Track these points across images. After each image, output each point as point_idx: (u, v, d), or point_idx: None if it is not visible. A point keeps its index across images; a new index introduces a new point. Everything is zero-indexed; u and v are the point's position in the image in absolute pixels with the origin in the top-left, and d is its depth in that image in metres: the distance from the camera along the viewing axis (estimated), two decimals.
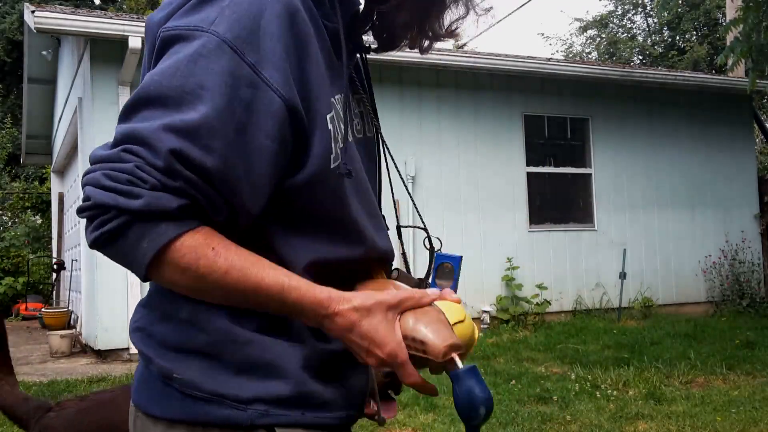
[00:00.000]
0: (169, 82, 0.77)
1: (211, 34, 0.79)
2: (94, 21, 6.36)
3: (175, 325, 0.88)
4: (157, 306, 0.92)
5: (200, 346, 0.85)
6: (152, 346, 0.88)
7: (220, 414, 0.83)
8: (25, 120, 11.98)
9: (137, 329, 0.92)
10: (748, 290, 9.02)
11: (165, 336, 0.88)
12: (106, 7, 20.24)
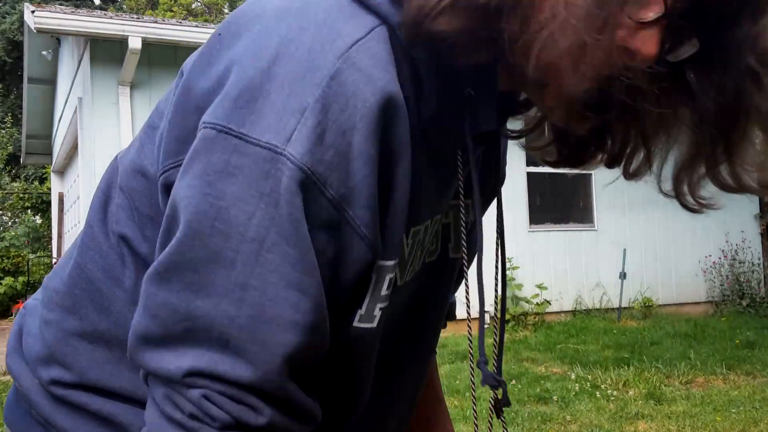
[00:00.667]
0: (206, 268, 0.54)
1: (288, 159, 0.53)
2: (94, 21, 6.36)
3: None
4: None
5: None
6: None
7: None
8: (25, 120, 11.98)
9: None
10: (748, 290, 9.02)
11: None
12: (106, 7, 20.26)
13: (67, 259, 0.74)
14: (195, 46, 6.73)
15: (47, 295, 0.73)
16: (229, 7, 25.25)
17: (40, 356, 0.69)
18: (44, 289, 0.75)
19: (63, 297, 0.70)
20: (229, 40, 0.59)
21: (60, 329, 0.69)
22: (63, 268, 0.74)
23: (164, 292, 0.54)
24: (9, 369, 0.72)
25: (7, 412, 0.74)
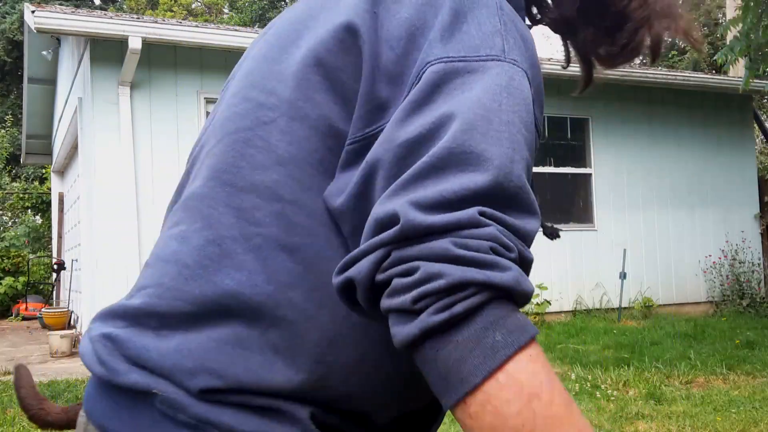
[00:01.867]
0: (491, 138, 0.62)
1: (511, 63, 0.66)
2: (94, 21, 6.36)
3: None
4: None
5: None
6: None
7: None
8: (25, 120, 11.98)
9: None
10: (748, 290, 9.02)
11: None
12: (106, 7, 20.26)
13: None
14: (195, 46, 6.74)
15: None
16: (229, 7, 25.24)
17: (182, 367, 0.69)
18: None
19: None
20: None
21: (210, 339, 0.70)
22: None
23: (455, 178, 0.60)
24: (132, 383, 0.70)
25: (131, 427, 0.70)
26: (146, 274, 0.77)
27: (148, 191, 6.66)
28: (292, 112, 0.72)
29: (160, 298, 0.73)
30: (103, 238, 6.48)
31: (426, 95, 0.64)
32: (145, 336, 0.72)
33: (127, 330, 0.73)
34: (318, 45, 0.72)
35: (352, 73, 0.71)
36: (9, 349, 7.65)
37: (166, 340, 0.71)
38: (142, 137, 6.69)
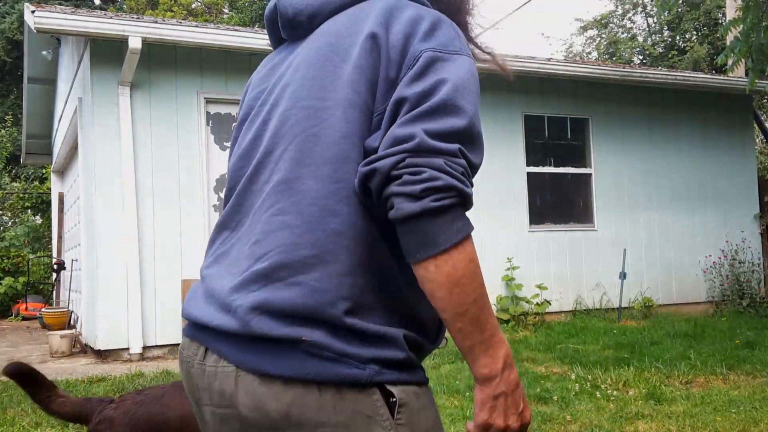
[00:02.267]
0: (466, 100, 1.02)
1: (468, 56, 1.08)
2: (94, 21, 6.36)
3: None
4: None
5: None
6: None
7: (354, 371, 0.97)
8: (25, 120, 11.98)
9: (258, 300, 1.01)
10: (748, 290, 9.02)
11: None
12: (106, 7, 20.25)
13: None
14: (195, 45, 6.74)
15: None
16: (229, 7, 25.23)
17: (323, 301, 0.98)
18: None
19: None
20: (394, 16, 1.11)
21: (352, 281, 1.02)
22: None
23: (453, 118, 1.00)
24: (283, 335, 0.96)
25: (291, 370, 0.96)
26: (259, 247, 1.03)
27: (148, 191, 6.65)
28: (346, 104, 1.06)
29: (285, 253, 1.00)
30: (103, 238, 6.48)
31: (423, 70, 1.03)
32: (279, 290, 0.99)
33: (263, 290, 0.99)
34: (358, 55, 1.07)
35: (375, 67, 1.07)
36: (9, 349, 7.65)
37: (299, 286, 0.99)
38: (142, 137, 6.68)
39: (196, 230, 6.81)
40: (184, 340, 1.15)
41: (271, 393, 0.97)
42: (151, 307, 6.56)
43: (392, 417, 0.98)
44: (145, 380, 5.15)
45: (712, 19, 20.57)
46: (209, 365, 1.05)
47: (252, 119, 1.19)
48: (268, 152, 1.10)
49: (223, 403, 1.02)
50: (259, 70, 1.28)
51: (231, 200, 1.16)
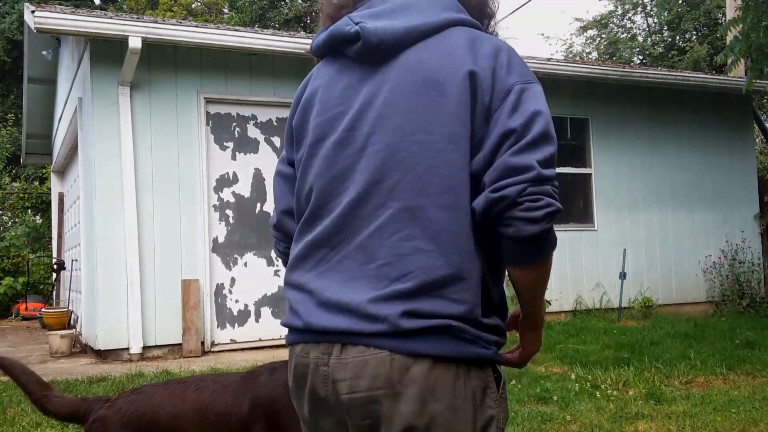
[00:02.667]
0: (552, 126, 1.24)
1: (538, 83, 1.27)
2: (94, 21, 6.36)
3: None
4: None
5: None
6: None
7: (481, 351, 1.23)
8: (25, 120, 11.98)
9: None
10: (748, 290, 9.02)
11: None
12: (106, 7, 20.25)
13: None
14: (195, 45, 6.74)
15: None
16: (229, 7, 25.23)
17: (465, 308, 1.22)
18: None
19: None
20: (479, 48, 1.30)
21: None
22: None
23: (550, 147, 1.22)
24: (438, 325, 1.19)
25: (438, 349, 1.20)
26: (393, 269, 1.21)
27: (148, 191, 6.65)
28: (456, 137, 1.23)
29: (425, 274, 1.20)
30: (102, 238, 6.48)
31: (517, 103, 1.22)
32: (424, 303, 1.20)
33: (409, 303, 1.20)
34: (459, 91, 1.23)
35: (473, 101, 1.24)
36: (9, 349, 7.65)
37: (442, 299, 1.21)
38: (142, 137, 6.68)
39: (196, 230, 6.81)
40: (301, 347, 1.30)
41: (421, 370, 1.19)
42: (151, 307, 6.56)
43: (497, 390, 1.27)
44: (145, 380, 5.15)
45: (712, 19, 20.57)
46: (353, 357, 1.22)
47: (340, 142, 1.29)
48: (378, 181, 1.24)
49: (376, 384, 1.20)
50: (327, 86, 1.36)
51: (330, 220, 1.29)
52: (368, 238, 1.24)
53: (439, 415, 1.19)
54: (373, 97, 1.28)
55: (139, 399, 1.93)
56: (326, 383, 1.25)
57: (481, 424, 1.23)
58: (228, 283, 7.03)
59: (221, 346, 6.89)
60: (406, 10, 1.30)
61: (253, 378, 1.97)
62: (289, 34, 8.82)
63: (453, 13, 1.32)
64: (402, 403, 1.19)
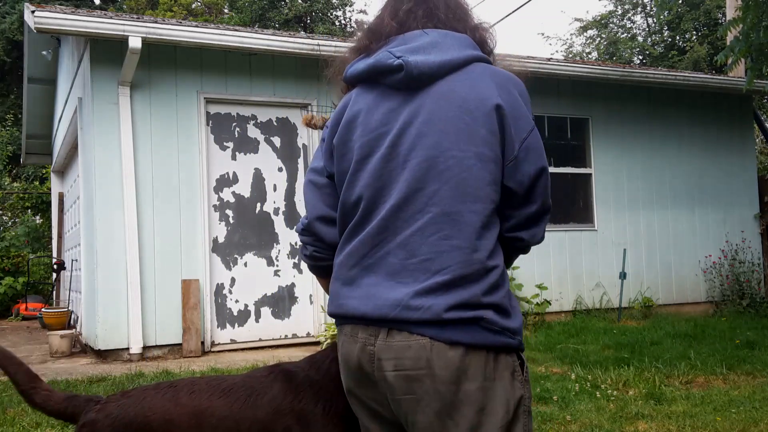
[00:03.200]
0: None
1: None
2: (94, 21, 6.36)
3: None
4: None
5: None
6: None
7: (506, 340, 1.45)
8: (25, 120, 11.98)
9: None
10: (748, 290, 9.01)
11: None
12: (106, 7, 20.25)
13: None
14: (195, 46, 6.74)
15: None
16: (229, 7, 25.23)
17: (496, 300, 1.46)
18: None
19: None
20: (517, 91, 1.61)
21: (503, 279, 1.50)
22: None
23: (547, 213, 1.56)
24: (469, 316, 1.41)
25: (471, 338, 1.41)
26: (433, 264, 1.43)
27: (148, 191, 6.66)
28: (484, 157, 1.47)
29: (462, 268, 1.42)
30: (103, 238, 6.48)
31: (537, 143, 1.54)
32: (462, 292, 1.42)
33: (450, 294, 1.41)
34: (488, 121, 1.48)
35: (500, 129, 1.49)
36: (9, 349, 7.64)
37: (477, 286, 1.43)
38: (142, 137, 6.68)
39: (196, 230, 6.81)
40: (351, 327, 1.52)
41: (456, 355, 1.40)
42: (151, 307, 6.56)
43: (522, 373, 1.51)
44: (145, 380, 5.15)
45: (712, 19, 20.57)
46: (398, 341, 1.43)
47: (385, 157, 1.51)
48: (418, 189, 1.47)
49: (418, 365, 1.41)
50: (368, 110, 1.57)
51: (375, 222, 1.50)
52: (410, 237, 1.46)
53: (472, 393, 1.41)
54: (413, 119, 1.50)
55: (129, 403, 1.89)
56: (372, 361, 1.46)
57: (514, 402, 1.46)
58: (228, 283, 7.03)
59: (221, 346, 6.89)
60: (435, 47, 1.53)
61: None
62: (289, 34, 8.82)
63: (472, 51, 1.57)
64: (439, 382, 1.40)
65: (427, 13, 1.61)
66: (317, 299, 7.27)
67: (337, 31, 23.07)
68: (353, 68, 1.63)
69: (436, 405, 1.41)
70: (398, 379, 1.43)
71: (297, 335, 7.23)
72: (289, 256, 7.28)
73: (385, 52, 1.56)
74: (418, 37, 1.57)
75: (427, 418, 1.42)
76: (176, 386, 1.94)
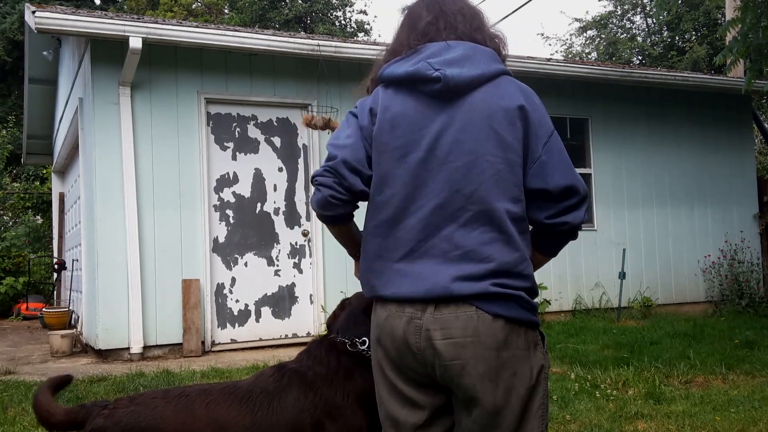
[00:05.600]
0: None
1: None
2: (94, 21, 6.37)
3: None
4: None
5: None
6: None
7: (534, 317, 1.71)
8: (26, 120, 11.99)
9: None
10: (748, 290, 9.02)
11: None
12: (106, 7, 20.26)
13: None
14: (195, 46, 6.74)
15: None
16: (229, 7, 25.22)
17: (533, 280, 1.73)
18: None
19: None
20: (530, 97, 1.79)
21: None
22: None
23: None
24: (509, 293, 1.66)
25: (510, 313, 1.66)
26: (476, 254, 1.65)
27: (149, 192, 6.67)
28: (510, 162, 1.68)
29: (503, 257, 1.65)
30: (103, 238, 6.49)
31: (559, 144, 1.74)
32: (504, 277, 1.66)
33: (493, 278, 1.65)
34: (514, 129, 1.69)
35: (524, 133, 1.70)
36: (9, 349, 7.66)
37: (516, 273, 1.67)
38: (143, 137, 6.69)
39: (197, 230, 6.82)
40: (397, 305, 1.71)
41: (498, 326, 1.64)
42: (152, 307, 6.57)
43: (543, 346, 1.75)
44: (145, 380, 5.16)
45: (711, 19, 20.58)
46: (445, 313, 1.65)
47: (423, 160, 1.70)
48: (458, 190, 1.67)
49: (466, 333, 1.63)
50: (407, 114, 1.74)
51: (417, 220, 1.69)
52: (454, 231, 1.67)
53: (509, 359, 1.65)
54: (448, 126, 1.69)
55: (138, 411, 1.83)
56: (418, 333, 1.67)
57: (536, 369, 1.70)
58: (228, 282, 7.04)
59: (221, 345, 6.90)
60: (467, 60, 1.72)
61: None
62: (289, 34, 8.83)
63: (499, 65, 1.77)
64: (484, 348, 1.63)
65: (447, 25, 1.80)
66: (317, 299, 7.29)
67: (337, 32, 23.08)
68: (390, 69, 1.79)
69: (481, 368, 1.63)
70: (447, 346, 1.64)
71: (297, 335, 7.24)
72: (289, 256, 7.29)
73: (424, 63, 1.73)
74: (448, 49, 1.74)
75: (472, 380, 1.64)
76: (188, 395, 1.88)
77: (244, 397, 1.87)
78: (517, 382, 1.65)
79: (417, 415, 1.74)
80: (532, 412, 1.68)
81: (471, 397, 1.66)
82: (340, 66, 7.37)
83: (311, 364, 1.98)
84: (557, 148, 1.72)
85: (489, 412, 1.64)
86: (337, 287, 7.19)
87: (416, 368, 1.71)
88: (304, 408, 1.87)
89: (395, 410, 1.76)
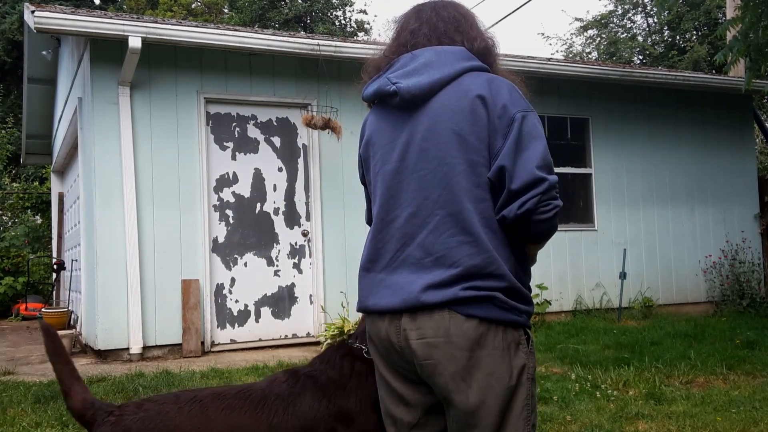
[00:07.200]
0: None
1: (534, 111, 1.72)
2: (94, 21, 6.36)
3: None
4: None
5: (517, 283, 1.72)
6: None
7: (514, 317, 1.69)
8: (25, 120, 11.97)
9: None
10: (748, 290, 9.01)
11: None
12: (106, 7, 20.24)
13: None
14: (195, 46, 6.73)
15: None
16: (229, 7, 25.21)
17: (509, 282, 1.69)
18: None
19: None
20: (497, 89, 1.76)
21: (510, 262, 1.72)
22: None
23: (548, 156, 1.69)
24: (483, 295, 1.66)
25: (484, 313, 1.66)
26: (446, 259, 1.66)
27: (148, 191, 6.66)
28: (473, 162, 1.69)
29: (470, 260, 1.66)
30: (102, 238, 6.48)
31: (520, 128, 1.67)
32: (475, 280, 1.65)
33: (463, 283, 1.65)
34: (469, 122, 1.70)
35: (487, 118, 1.70)
36: (9, 349, 7.65)
37: (488, 276, 1.66)
38: (142, 137, 6.68)
39: (196, 230, 6.81)
40: (378, 317, 1.77)
41: (471, 326, 1.65)
42: (151, 307, 6.56)
43: (527, 346, 1.72)
44: (145, 380, 5.15)
45: (712, 18, 20.56)
46: (421, 316, 1.67)
47: (395, 170, 1.77)
48: (426, 197, 1.71)
49: (438, 334, 1.65)
50: (379, 129, 1.83)
51: (395, 230, 1.75)
52: (425, 238, 1.69)
53: (482, 358, 1.65)
54: (414, 135, 1.75)
55: (148, 417, 1.78)
56: (398, 332, 1.71)
57: (517, 370, 1.68)
58: (228, 283, 7.03)
59: (221, 346, 6.89)
60: (429, 66, 1.74)
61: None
62: (289, 34, 8.82)
63: (464, 63, 1.76)
64: (455, 348, 1.64)
65: (431, 28, 1.83)
66: (317, 299, 7.28)
67: (337, 31, 23.07)
68: (366, 91, 1.88)
69: (452, 368, 1.64)
70: (420, 345, 1.67)
71: (297, 335, 7.23)
72: (289, 256, 7.28)
73: (384, 78, 1.79)
74: (412, 59, 1.78)
75: (444, 380, 1.65)
76: (201, 400, 1.83)
77: (260, 402, 1.84)
78: (494, 382, 1.65)
79: (411, 414, 1.77)
80: (515, 414, 1.67)
81: (445, 396, 1.67)
82: (340, 66, 7.36)
83: (325, 368, 1.96)
84: (520, 134, 1.66)
85: (463, 411, 1.65)
86: (336, 287, 7.18)
87: (403, 365, 1.74)
88: (318, 414, 1.86)
89: (392, 408, 1.79)
